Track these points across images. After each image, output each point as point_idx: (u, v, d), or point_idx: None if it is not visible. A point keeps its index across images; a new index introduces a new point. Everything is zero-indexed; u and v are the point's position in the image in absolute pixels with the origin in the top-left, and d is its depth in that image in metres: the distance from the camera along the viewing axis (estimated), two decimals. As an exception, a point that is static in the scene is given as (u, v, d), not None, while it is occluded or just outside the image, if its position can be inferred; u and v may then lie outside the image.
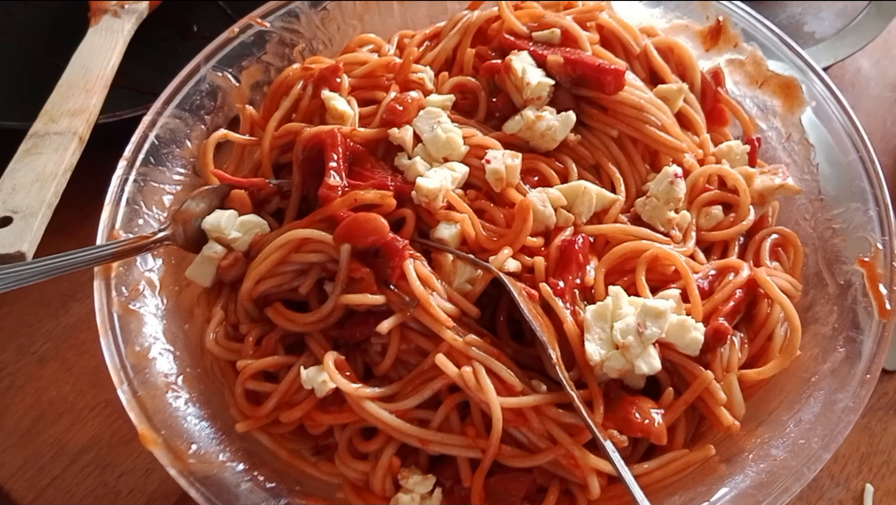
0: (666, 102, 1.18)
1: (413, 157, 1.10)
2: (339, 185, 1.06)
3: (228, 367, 1.08)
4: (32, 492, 1.18)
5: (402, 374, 1.04)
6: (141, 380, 1.01)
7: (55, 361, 1.30)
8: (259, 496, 0.98)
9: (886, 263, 1.06)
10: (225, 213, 1.10)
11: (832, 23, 1.62)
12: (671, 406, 1.00)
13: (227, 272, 1.08)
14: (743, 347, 1.06)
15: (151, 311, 1.08)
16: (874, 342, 1.01)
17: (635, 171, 1.17)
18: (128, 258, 1.07)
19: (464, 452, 1.00)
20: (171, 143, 1.18)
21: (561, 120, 1.12)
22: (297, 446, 1.07)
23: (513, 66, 1.14)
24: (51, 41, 1.61)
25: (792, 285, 1.10)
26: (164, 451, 0.96)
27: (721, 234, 1.14)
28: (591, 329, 1.00)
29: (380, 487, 1.01)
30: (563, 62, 1.14)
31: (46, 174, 1.17)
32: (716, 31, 1.28)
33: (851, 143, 1.15)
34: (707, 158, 1.19)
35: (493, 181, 1.09)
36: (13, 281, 0.96)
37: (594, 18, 1.22)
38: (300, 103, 1.19)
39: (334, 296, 1.03)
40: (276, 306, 1.07)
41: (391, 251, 1.01)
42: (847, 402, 0.98)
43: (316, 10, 1.31)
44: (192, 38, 1.64)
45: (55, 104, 1.27)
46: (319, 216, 1.06)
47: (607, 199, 1.12)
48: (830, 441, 0.95)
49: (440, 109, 1.13)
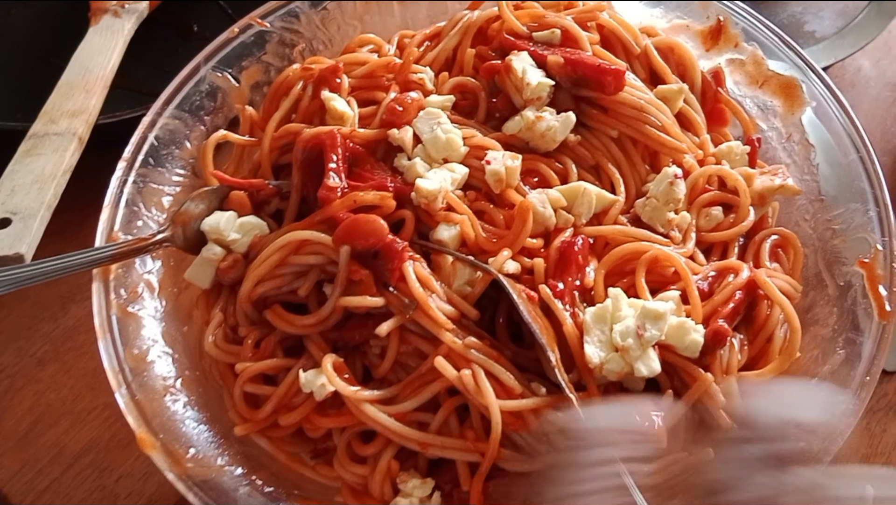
0: (666, 103, 1.18)
1: (413, 158, 1.10)
2: (339, 187, 1.06)
3: (227, 370, 1.08)
4: (30, 495, 1.18)
5: (400, 376, 1.03)
6: (139, 383, 1.01)
7: (54, 364, 1.30)
8: (257, 500, 0.98)
9: (886, 264, 1.05)
10: (224, 214, 1.09)
11: (832, 22, 1.62)
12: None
13: (226, 274, 1.08)
14: (742, 349, 1.05)
15: (150, 313, 1.08)
16: (874, 344, 1.01)
17: (635, 171, 1.17)
18: (127, 260, 1.07)
19: (463, 455, 0.99)
20: (170, 143, 1.18)
21: (561, 121, 1.12)
22: (295, 450, 1.07)
23: (513, 66, 1.14)
24: (50, 41, 1.61)
25: (792, 287, 1.10)
26: (162, 454, 0.96)
27: (721, 235, 1.14)
28: (590, 331, 1.00)
29: (378, 491, 1.00)
30: (564, 62, 1.14)
31: (46, 175, 1.16)
32: (716, 31, 1.28)
33: (852, 143, 1.15)
34: (707, 159, 1.19)
35: (493, 182, 1.08)
36: (11, 283, 0.96)
37: (594, 18, 1.22)
38: (300, 104, 1.19)
39: (333, 298, 1.02)
40: (275, 308, 1.06)
41: (390, 253, 1.01)
42: (847, 404, 0.97)
43: (316, 11, 1.31)
44: (193, 38, 1.64)
45: (55, 105, 1.27)
46: (319, 218, 1.05)
47: (607, 200, 1.11)
48: (830, 443, 0.95)
49: (440, 110, 1.12)
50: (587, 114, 1.16)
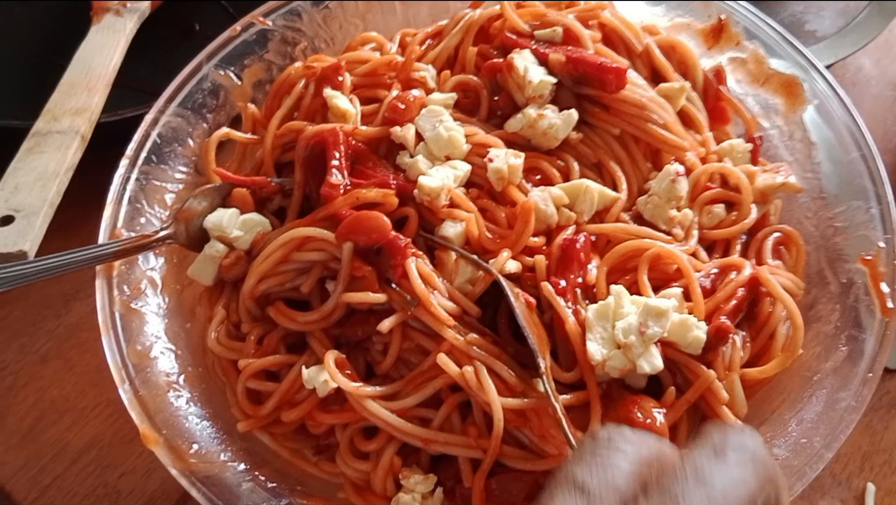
0: (668, 101, 1.18)
1: (415, 156, 1.10)
2: (342, 184, 1.06)
3: (230, 366, 1.08)
4: (34, 492, 1.18)
5: (403, 372, 1.03)
6: (142, 379, 1.01)
7: (57, 361, 1.30)
8: (260, 496, 0.98)
9: (888, 261, 1.05)
10: (227, 211, 1.10)
11: (833, 21, 1.62)
12: (673, 405, 1.00)
13: (228, 271, 1.08)
14: (745, 346, 1.05)
15: (153, 309, 1.09)
16: (876, 341, 1.01)
17: (637, 169, 1.17)
18: (130, 257, 1.07)
19: (465, 452, 0.99)
20: (173, 141, 1.18)
21: (563, 118, 1.12)
22: (298, 446, 1.07)
23: (515, 64, 1.14)
24: (53, 40, 1.61)
25: (794, 284, 1.10)
26: (165, 450, 0.96)
27: (723, 232, 1.14)
28: (592, 328, 1.00)
29: (381, 487, 1.01)
30: (565, 61, 1.14)
31: (48, 173, 1.17)
32: (717, 30, 1.28)
33: (853, 141, 1.15)
34: (709, 157, 1.19)
35: (495, 180, 1.08)
36: (15, 279, 0.97)
37: (596, 17, 1.22)
38: (302, 102, 1.19)
39: (336, 294, 1.03)
40: (278, 305, 1.07)
41: (393, 249, 1.01)
42: (849, 401, 0.97)
43: (318, 9, 1.31)
44: (195, 36, 1.64)
45: (57, 103, 1.27)
46: (321, 215, 1.06)
47: (609, 198, 1.11)
48: (832, 440, 0.95)
49: (442, 108, 1.12)
50: (589, 112, 1.16)
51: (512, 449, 0.99)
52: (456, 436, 1.00)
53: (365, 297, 1.01)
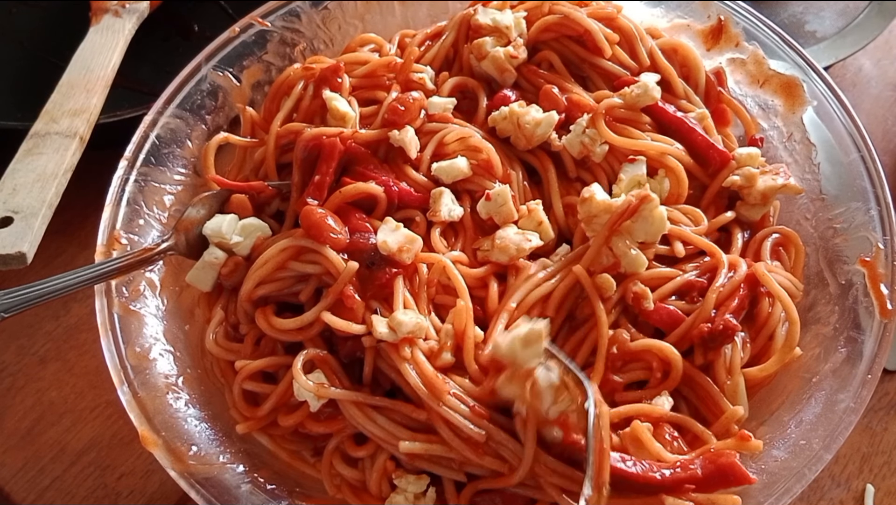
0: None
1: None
2: (314, 207, 1.06)
3: (228, 367, 1.08)
4: (32, 493, 1.19)
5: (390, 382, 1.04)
6: (141, 381, 1.01)
7: (56, 362, 1.30)
8: (259, 497, 0.98)
9: (887, 262, 1.05)
10: (226, 217, 1.09)
11: (833, 22, 1.62)
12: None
13: (227, 278, 1.08)
14: (745, 347, 1.05)
15: (152, 311, 1.09)
16: (875, 342, 1.01)
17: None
18: (133, 272, 1.07)
19: (448, 473, 1.00)
20: (171, 142, 1.18)
21: (545, 117, 1.13)
22: (296, 448, 1.07)
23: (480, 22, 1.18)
24: (51, 41, 1.61)
25: (793, 284, 1.10)
26: (164, 452, 0.97)
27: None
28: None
29: (376, 489, 1.01)
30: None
31: (47, 174, 1.16)
32: (717, 31, 1.27)
33: (853, 142, 1.15)
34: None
35: (484, 213, 1.11)
36: (19, 304, 0.95)
37: (613, 18, 1.21)
38: (301, 103, 1.19)
39: (317, 309, 1.02)
40: (264, 310, 1.06)
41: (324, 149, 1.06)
42: (848, 402, 0.98)
43: (317, 10, 1.31)
44: (193, 37, 1.64)
45: (56, 104, 1.27)
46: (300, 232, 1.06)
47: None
48: (831, 442, 0.95)
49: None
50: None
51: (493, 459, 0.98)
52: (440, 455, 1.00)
53: (348, 326, 1.00)
